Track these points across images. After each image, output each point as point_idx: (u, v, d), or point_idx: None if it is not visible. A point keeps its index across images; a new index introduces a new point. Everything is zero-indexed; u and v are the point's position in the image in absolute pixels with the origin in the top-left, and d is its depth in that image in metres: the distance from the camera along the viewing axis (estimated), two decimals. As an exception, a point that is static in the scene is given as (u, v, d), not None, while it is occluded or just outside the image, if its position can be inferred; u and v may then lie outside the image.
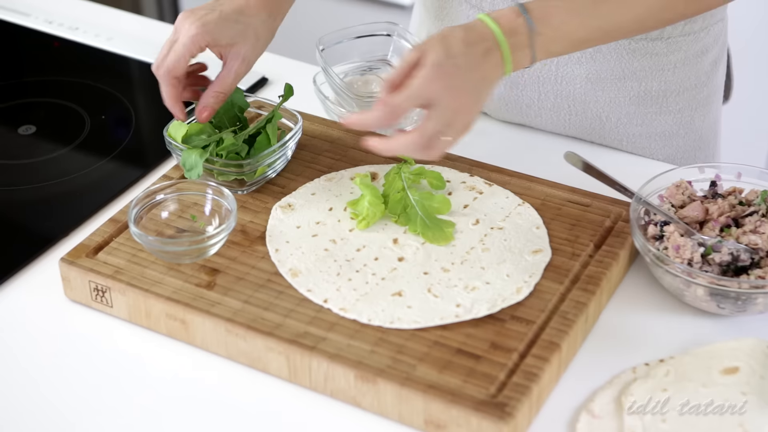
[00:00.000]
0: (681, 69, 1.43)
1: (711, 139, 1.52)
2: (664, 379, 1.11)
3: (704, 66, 1.45)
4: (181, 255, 1.21)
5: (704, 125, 1.50)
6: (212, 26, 1.26)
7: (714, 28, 1.44)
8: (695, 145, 1.50)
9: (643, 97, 1.44)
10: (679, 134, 1.48)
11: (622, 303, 1.23)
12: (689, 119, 1.47)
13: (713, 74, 1.48)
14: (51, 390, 1.15)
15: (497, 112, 1.51)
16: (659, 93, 1.44)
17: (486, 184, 1.33)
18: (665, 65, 1.42)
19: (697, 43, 1.42)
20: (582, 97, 1.44)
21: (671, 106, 1.45)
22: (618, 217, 1.28)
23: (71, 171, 1.45)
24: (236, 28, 1.28)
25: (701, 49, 1.43)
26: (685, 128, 1.48)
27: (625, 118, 1.45)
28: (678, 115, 1.46)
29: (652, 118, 1.45)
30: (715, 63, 1.47)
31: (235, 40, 1.29)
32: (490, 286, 1.18)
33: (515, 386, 1.08)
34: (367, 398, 1.11)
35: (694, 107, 1.47)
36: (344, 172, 1.35)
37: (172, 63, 1.26)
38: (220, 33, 1.27)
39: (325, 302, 1.17)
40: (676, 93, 1.45)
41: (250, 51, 1.30)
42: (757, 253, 1.18)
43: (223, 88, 1.30)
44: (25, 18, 1.77)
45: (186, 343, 1.19)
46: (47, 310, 1.24)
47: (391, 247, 1.24)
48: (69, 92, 1.62)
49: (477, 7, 1.44)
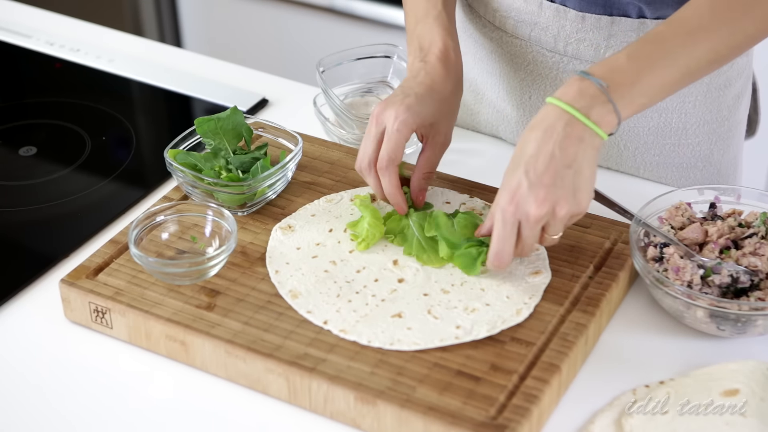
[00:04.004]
0: (702, 102, 1.42)
1: (731, 173, 1.51)
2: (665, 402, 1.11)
3: (726, 100, 1.44)
4: (181, 276, 1.21)
5: (723, 159, 1.48)
6: (416, 108, 1.26)
7: (739, 62, 1.42)
8: (713, 179, 1.48)
9: (663, 128, 1.43)
10: (697, 167, 1.47)
11: (622, 325, 1.23)
12: (708, 153, 1.46)
13: (735, 108, 1.46)
14: (51, 411, 1.15)
15: (513, 135, 1.51)
16: (679, 125, 1.43)
17: (486, 206, 1.33)
18: (686, 97, 1.41)
19: (720, 76, 1.41)
20: None
21: (690, 138, 1.44)
22: (618, 239, 1.28)
23: (72, 192, 1.46)
24: (434, 106, 1.28)
25: (724, 83, 1.42)
26: (703, 161, 1.47)
27: (643, 148, 1.45)
28: (697, 148, 1.45)
29: (670, 150, 1.45)
30: (738, 97, 1.46)
31: (435, 118, 1.28)
32: (490, 307, 1.18)
33: (515, 408, 1.08)
34: (367, 420, 1.11)
35: (713, 141, 1.46)
36: (344, 193, 1.35)
37: (393, 152, 1.25)
38: (425, 113, 1.27)
39: (325, 324, 1.17)
40: (696, 126, 1.43)
41: (447, 125, 1.31)
42: (756, 275, 1.18)
43: (431, 168, 1.30)
44: (27, 40, 1.78)
45: (186, 365, 1.19)
46: (47, 331, 1.24)
47: (391, 269, 1.24)
48: (70, 113, 1.63)
49: (501, 29, 1.44)
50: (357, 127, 1.43)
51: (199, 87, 1.65)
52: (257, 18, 2.91)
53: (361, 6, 2.78)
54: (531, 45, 1.42)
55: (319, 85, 1.45)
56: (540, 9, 1.39)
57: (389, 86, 1.52)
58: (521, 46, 1.44)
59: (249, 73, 1.69)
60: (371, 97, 1.50)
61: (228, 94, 1.63)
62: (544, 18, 1.40)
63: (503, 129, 1.52)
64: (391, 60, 1.51)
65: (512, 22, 1.43)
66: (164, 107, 1.68)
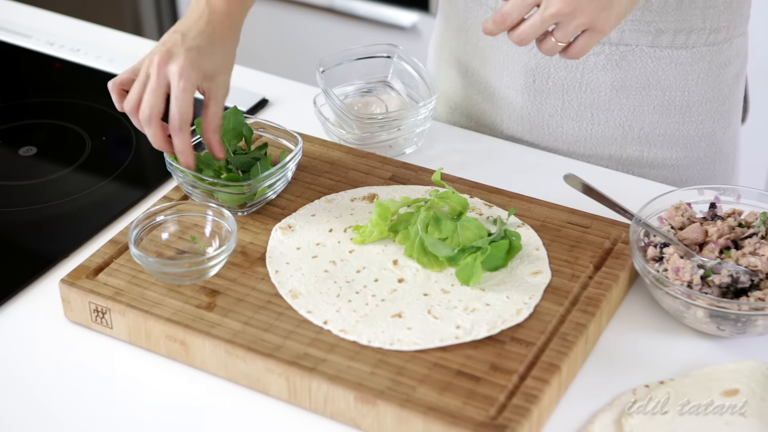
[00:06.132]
0: (704, 79, 1.45)
1: (731, 153, 1.54)
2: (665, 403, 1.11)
3: (727, 78, 1.47)
4: (181, 276, 1.21)
5: (725, 137, 1.52)
6: (199, 63, 1.25)
7: (737, 41, 1.46)
8: (715, 157, 1.52)
9: (667, 106, 1.46)
10: (700, 146, 1.50)
11: (622, 325, 1.23)
12: (711, 130, 1.49)
13: (735, 87, 1.50)
14: (51, 411, 1.15)
15: (518, 123, 1.51)
16: (682, 103, 1.46)
17: (486, 206, 1.33)
18: (689, 75, 1.44)
19: (720, 54, 1.45)
20: (606, 105, 1.46)
21: (693, 116, 1.47)
22: (617, 239, 1.28)
23: (72, 192, 1.46)
24: (217, 60, 1.28)
25: (724, 61, 1.46)
26: (706, 139, 1.49)
27: (648, 128, 1.47)
28: (700, 126, 1.48)
29: (674, 128, 1.47)
30: (737, 77, 1.50)
31: (218, 72, 1.28)
32: (490, 307, 1.18)
33: (515, 408, 1.08)
34: (366, 420, 1.11)
35: (715, 119, 1.49)
36: (344, 193, 1.35)
37: (185, 112, 1.24)
38: (207, 68, 1.26)
39: (324, 324, 1.17)
40: (699, 103, 1.46)
41: (228, 77, 1.30)
42: (756, 275, 1.18)
43: (219, 121, 1.30)
44: (27, 40, 1.78)
45: (186, 365, 1.19)
46: (47, 331, 1.24)
47: (391, 269, 1.24)
48: (70, 113, 1.63)
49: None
50: (357, 127, 1.43)
51: (199, 87, 1.65)
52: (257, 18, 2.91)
53: (361, 6, 2.78)
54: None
55: (320, 85, 1.45)
56: None
57: (389, 86, 1.52)
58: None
59: (249, 73, 1.69)
60: (372, 97, 1.50)
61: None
62: None
63: (507, 117, 1.52)
64: (391, 60, 1.51)
65: None
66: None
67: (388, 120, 1.42)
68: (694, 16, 1.40)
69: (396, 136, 1.44)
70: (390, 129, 1.43)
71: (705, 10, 1.40)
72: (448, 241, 1.24)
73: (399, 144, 1.45)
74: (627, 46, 1.42)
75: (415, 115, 1.43)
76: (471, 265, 1.21)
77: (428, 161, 1.46)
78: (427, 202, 1.29)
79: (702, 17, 1.41)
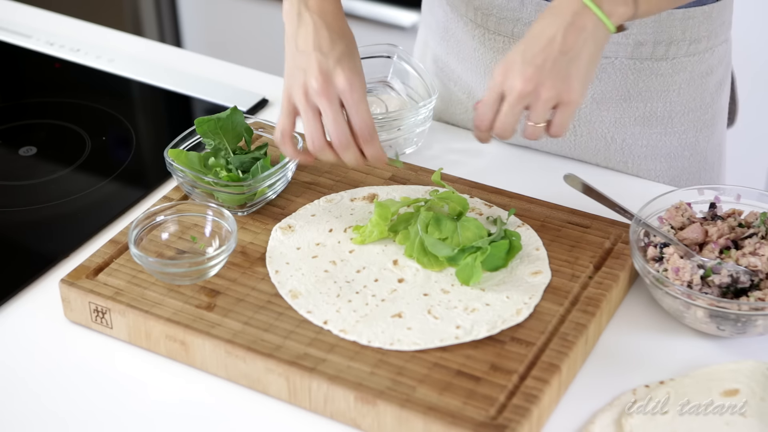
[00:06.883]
0: (686, 89, 1.44)
1: (715, 161, 1.52)
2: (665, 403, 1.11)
3: (709, 87, 1.46)
4: (181, 276, 1.21)
5: (709, 147, 1.50)
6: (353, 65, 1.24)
7: (718, 49, 1.44)
8: (699, 167, 1.50)
9: (648, 117, 1.44)
10: (683, 156, 1.48)
11: (622, 325, 1.23)
12: (694, 140, 1.47)
13: (718, 96, 1.48)
14: (51, 411, 1.15)
15: None
16: (664, 114, 1.44)
17: (486, 206, 1.33)
18: (670, 85, 1.43)
19: (701, 63, 1.43)
20: (587, 117, 1.45)
21: (676, 126, 1.46)
22: (618, 239, 1.28)
23: (72, 192, 1.46)
24: (355, 56, 1.26)
25: (706, 70, 1.44)
26: (689, 149, 1.48)
27: (630, 139, 1.45)
28: (683, 136, 1.46)
29: (657, 139, 1.46)
30: (720, 84, 1.48)
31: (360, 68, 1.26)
32: (490, 307, 1.18)
33: (515, 408, 1.08)
34: (366, 420, 1.11)
35: (698, 128, 1.47)
36: (344, 193, 1.35)
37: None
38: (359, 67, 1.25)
39: (324, 324, 1.17)
40: (681, 114, 1.45)
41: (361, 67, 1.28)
42: (756, 275, 1.18)
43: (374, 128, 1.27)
44: (27, 40, 1.78)
45: (186, 365, 1.19)
46: (47, 331, 1.24)
47: (391, 269, 1.24)
48: (70, 113, 1.63)
49: (483, 26, 1.44)
50: (357, 127, 1.43)
51: (199, 87, 1.65)
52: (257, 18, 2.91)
53: (361, 6, 2.78)
54: (514, 41, 1.43)
55: (319, 85, 1.45)
56: (522, 5, 1.40)
57: (389, 86, 1.52)
58: (504, 43, 1.44)
59: (249, 73, 1.69)
60: (372, 97, 1.50)
61: (228, 94, 1.63)
62: (526, 13, 1.40)
63: None
64: (391, 60, 1.51)
65: (494, 20, 1.43)
66: (164, 107, 1.68)
67: (388, 120, 1.42)
68: (673, 28, 1.38)
69: (396, 136, 1.44)
70: (390, 129, 1.43)
71: (684, 21, 1.38)
72: (448, 241, 1.24)
73: (399, 144, 1.45)
74: (606, 59, 1.40)
75: (415, 115, 1.43)
76: (471, 265, 1.21)
77: (428, 161, 1.46)
78: (427, 202, 1.29)
79: (681, 28, 1.38)
